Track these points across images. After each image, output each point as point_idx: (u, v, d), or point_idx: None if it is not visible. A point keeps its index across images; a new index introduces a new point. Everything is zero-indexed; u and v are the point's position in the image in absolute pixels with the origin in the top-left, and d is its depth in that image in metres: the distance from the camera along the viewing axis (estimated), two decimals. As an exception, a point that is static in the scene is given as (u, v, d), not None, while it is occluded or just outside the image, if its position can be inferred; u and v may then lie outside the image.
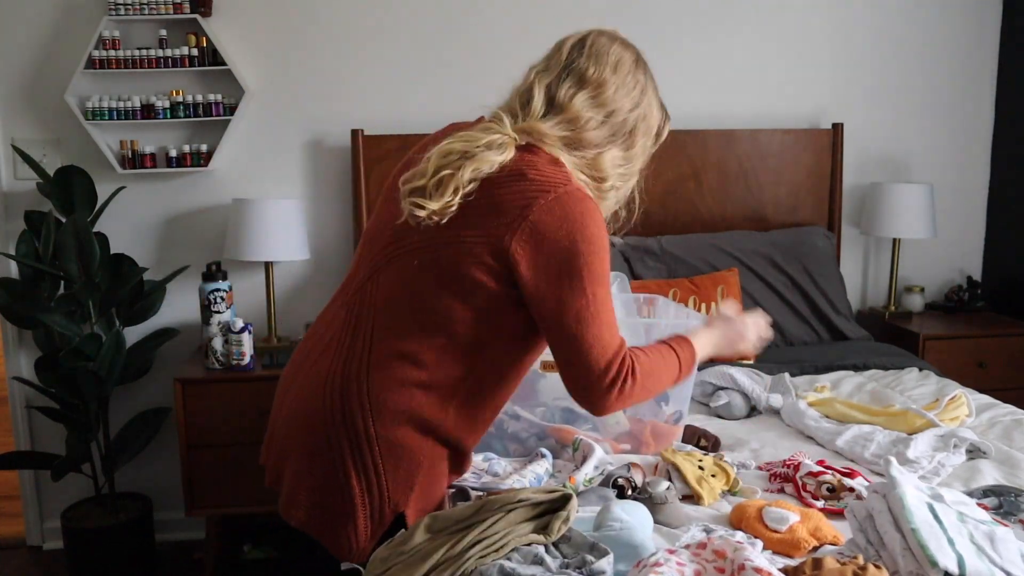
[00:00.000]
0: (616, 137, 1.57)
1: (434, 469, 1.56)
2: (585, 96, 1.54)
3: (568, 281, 1.44)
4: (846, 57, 3.49)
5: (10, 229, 3.15)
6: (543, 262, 1.45)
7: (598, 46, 1.60)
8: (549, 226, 1.44)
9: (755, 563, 1.27)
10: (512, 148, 1.50)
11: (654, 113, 1.62)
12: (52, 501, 3.30)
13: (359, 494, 1.51)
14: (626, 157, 1.59)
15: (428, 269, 1.50)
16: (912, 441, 2.01)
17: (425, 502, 1.56)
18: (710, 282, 3.00)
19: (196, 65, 3.06)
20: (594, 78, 1.55)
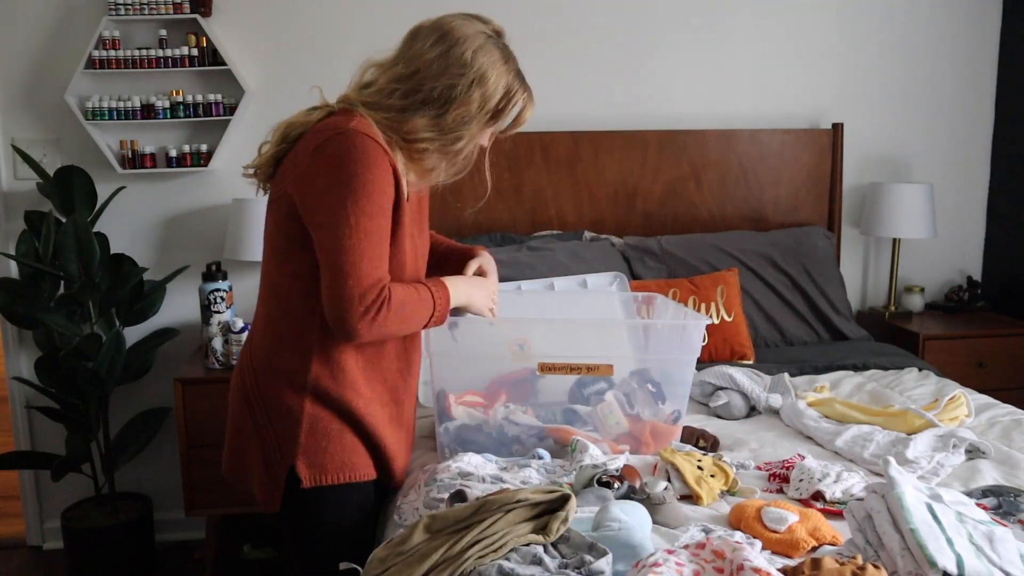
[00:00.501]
0: (424, 106, 1.64)
1: (319, 427, 1.66)
2: (396, 71, 1.66)
3: (333, 211, 1.55)
4: (846, 57, 3.49)
5: (10, 229, 3.15)
6: (311, 192, 1.58)
7: (432, 26, 1.69)
8: (322, 163, 1.57)
9: (754, 563, 1.27)
10: (324, 112, 1.67)
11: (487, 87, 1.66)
12: (52, 501, 3.31)
13: (258, 449, 1.69)
14: (438, 124, 1.65)
15: (268, 226, 1.71)
16: (911, 441, 2.01)
17: (317, 459, 1.66)
18: (710, 282, 3.00)
19: (196, 65, 3.06)
20: (411, 53, 1.66)
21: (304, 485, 1.66)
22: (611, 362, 2.01)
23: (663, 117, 3.41)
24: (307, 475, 1.66)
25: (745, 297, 3.09)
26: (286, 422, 1.66)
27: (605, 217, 3.34)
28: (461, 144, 1.69)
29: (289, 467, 1.66)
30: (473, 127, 1.68)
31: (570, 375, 2.04)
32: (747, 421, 2.36)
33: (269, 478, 1.68)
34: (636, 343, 2.20)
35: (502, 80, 1.68)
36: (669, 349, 2.12)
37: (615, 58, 3.37)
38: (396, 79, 1.66)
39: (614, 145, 3.31)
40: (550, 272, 2.86)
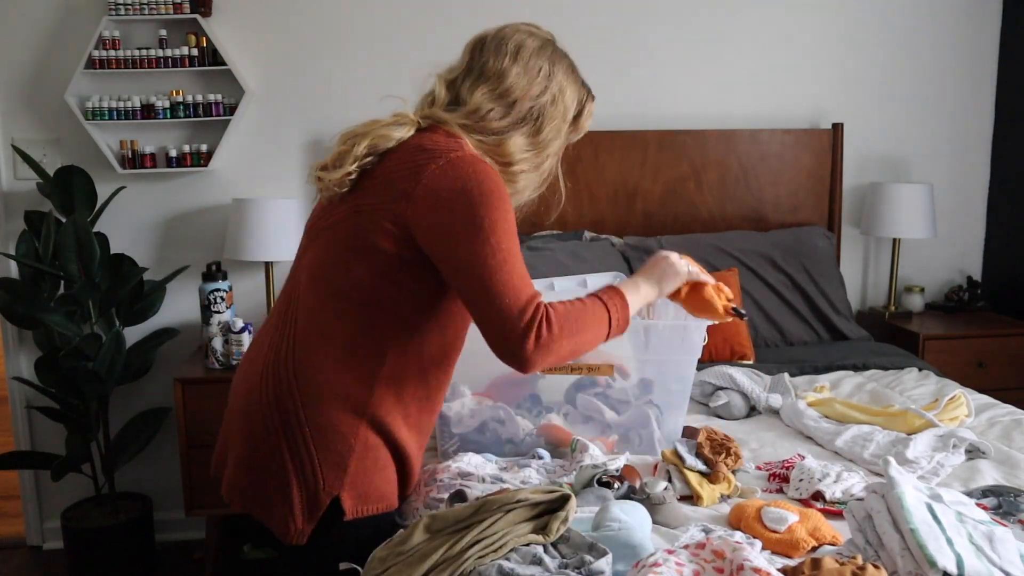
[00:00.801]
0: (522, 124, 1.60)
1: (368, 455, 1.54)
2: (485, 89, 1.59)
3: (468, 234, 1.46)
4: (846, 57, 3.49)
5: (10, 229, 3.15)
6: (441, 220, 1.47)
7: (498, 39, 1.63)
8: (443, 186, 1.47)
9: (754, 563, 1.27)
10: (412, 127, 1.58)
11: (566, 98, 1.65)
12: (52, 501, 3.30)
13: (293, 476, 1.52)
14: (533, 143, 1.62)
15: (336, 242, 1.55)
16: (911, 441, 2.01)
17: (363, 489, 1.54)
18: (710, 282, 2.99)
19: (196, 65, 3.06)
20: (494, 69, 1.60)
21: (347, 517, 1.53)
22: (611, 362, 2.01)
23: (663, 117, 3.41)
24: (351, 506, 1.53)
25: (745, 297, 3.09)
26: (336, 449, 1.52)
27: (605, 217, 3.34)
28: (550, 160, 1.68)
29: (333, 496, 1.52)
30: (560, 139, 1.67)
31: (570, 375, 2.04)
32: (747, 421, 2.36)
33: (305, 509, 1.53)
34: (636, 343, 2.20)
35: (575, 87, 1.68)
36: (669, 349, 2.11)
37: (615, 58, 3.36)
38: (489, 98, 1.59)
39: (614, 145, 3.31)
40: (550, 272, 2.86)
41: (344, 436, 1.52)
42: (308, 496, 1.53)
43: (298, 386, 1.53)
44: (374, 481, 1.56)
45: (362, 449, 1.53)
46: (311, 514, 1.53)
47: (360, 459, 1.53)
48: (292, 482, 1.53)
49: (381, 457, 1.57)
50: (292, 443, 1.53)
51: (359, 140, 1.56)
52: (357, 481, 1.54)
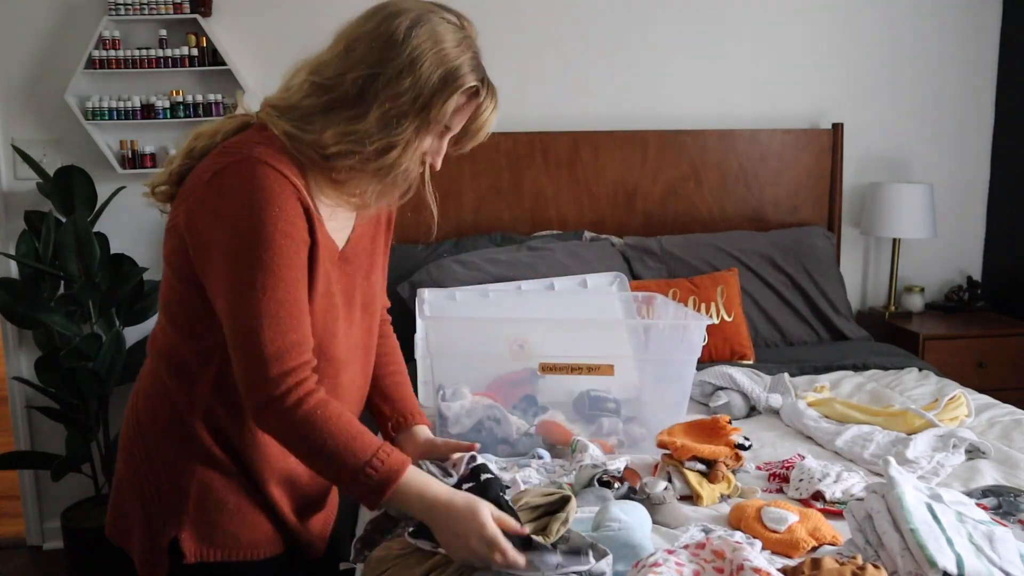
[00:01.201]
0: (340, 107, 1.28)
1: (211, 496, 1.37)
2: (318, 60, 1.33)
3: (227, 261, 1.24)
4: (846, 57, 3.49)
5: (10, 229, 3.15)
6: (203, 236, 1.27)
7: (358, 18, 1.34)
8: (213, 199, 1.26)
9: (754, 563, 1.27)
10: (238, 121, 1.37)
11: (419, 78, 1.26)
12: (52, 501, 3.30)
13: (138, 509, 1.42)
14: (353, 131, 1.27)
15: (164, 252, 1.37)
16: (911, 441, 2.01)
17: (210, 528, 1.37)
18: (710, 282, 3.00)
19: (196, 65, 3.06)
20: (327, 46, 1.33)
21: (187, 561, 1.37)
22: (611, 362, 2.01)
23: (663, 117, 3.41)
24: (192, 549, 1.37)
25: (745, 297, 3.09)
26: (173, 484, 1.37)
27: (605, 217, 3.34)
28: (393, 156, 1.28)
29: (172, 538, 1.37)
30: (406, 131, 1.27)
31: (570, 375, 2.04)
32: (747, 421, 2.36)
33: (151, 547, 1.41)
34: (636, 343, 2.20)
35: (443, 64, 1.27)
36: (669, 349, 2.12)
37: (615, 58, 3.36)
38: (313, 70, 1.31)
39: (614, 145, 3.31)
40: (550, 272, 2.86)
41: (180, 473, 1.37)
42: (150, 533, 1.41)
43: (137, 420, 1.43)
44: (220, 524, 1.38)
45: (201, 488, 1.37)
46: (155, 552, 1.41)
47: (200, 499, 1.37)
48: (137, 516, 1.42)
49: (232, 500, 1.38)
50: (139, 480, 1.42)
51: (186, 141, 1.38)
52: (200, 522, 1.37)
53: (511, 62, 3.28)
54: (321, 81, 1.30)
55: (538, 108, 3.34)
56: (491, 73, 1.35)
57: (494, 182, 3.27)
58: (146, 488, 1.40)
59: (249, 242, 1.23)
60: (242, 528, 1.39)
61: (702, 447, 1.81)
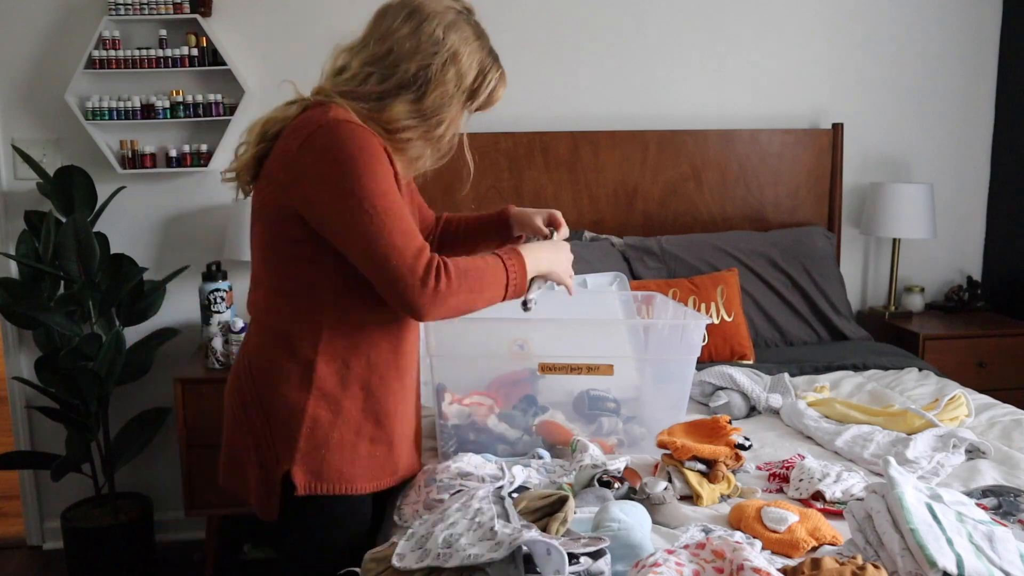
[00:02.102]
0: (404, 89, 1.58)
1: (319, 431, 1.59)
2: (367, 53, 1.59)
3: (340, 204, 1.48)
4: (846, 57, 3.49)
5: (10, 229, 3.15)
6: (315, 194, 1.50)
7: (399, 4, 1.62)
8: (311, 160, 1.50)
9: (754, 563, 1.27)
10: (300, 106, 1.59)
11: (461, 64, 1.60)
12: (52, 501, 3.30)
13: (252, 452, 1.62)
14: (418, 109, 1.59)
15: (256, 232, 1.63)
16: (911, 441, 2.01)
17: (315, 466, 1.59)
18: (710, 282, 3.00)
19: (196, 65, 3.06)
20: (382, 34, 1.60)
21: (298, 492, 1.58)
22: (611, 362, 2.01)
23: (663, 117, 3.41)
24: (303, 482, 1.58)
25: (745, 297, 3.09)
26: (285, 425, 1.59)
27: (605, 217, 3.34)
28: (443, 128, 1.63)
29: (284, 472, 1.58)
30: (453, 108, 1.62)
31: (570, 375, 2.04)
32: (747, 421, 2.36)
33: (265, 484, 1.61)
34: (636, 343, 2.20)
35: (475, 57, 1.63)
36: (669, 349, 2.12)
37: (615, 58, 3.37)
38: (369, 62, 1.59)
39: (614, 145, 3.31)
40: (550, 272, 2.85)
41: (291, 411, 1.58)
42: (264, 472, 1.60)
43: (250, 371, 1.63)
44: (330, 460, 1.59)
45: (311, 425, 1.58)
46: (268, 489, 1.60)
47: (310, 435, 1.58)
48: (253, 462, 1.62)
49: (336, 435, 1.60)
50: (251, 424, 1.61)
51: (253, 128, 1.61)
52: (307, 457, 1.58)
53: (511, 62, 3.25)
54: (381, 71, 1.58)
55: (538, 108, 3.34)
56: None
57: (494, 182, 3.27)
58: (258, 429, 1.61)
59: (356, 178, 1.47)
60: (344, 464, 1.61)
61: (702, 447, 1.81)
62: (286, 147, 1.54)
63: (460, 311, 1.58)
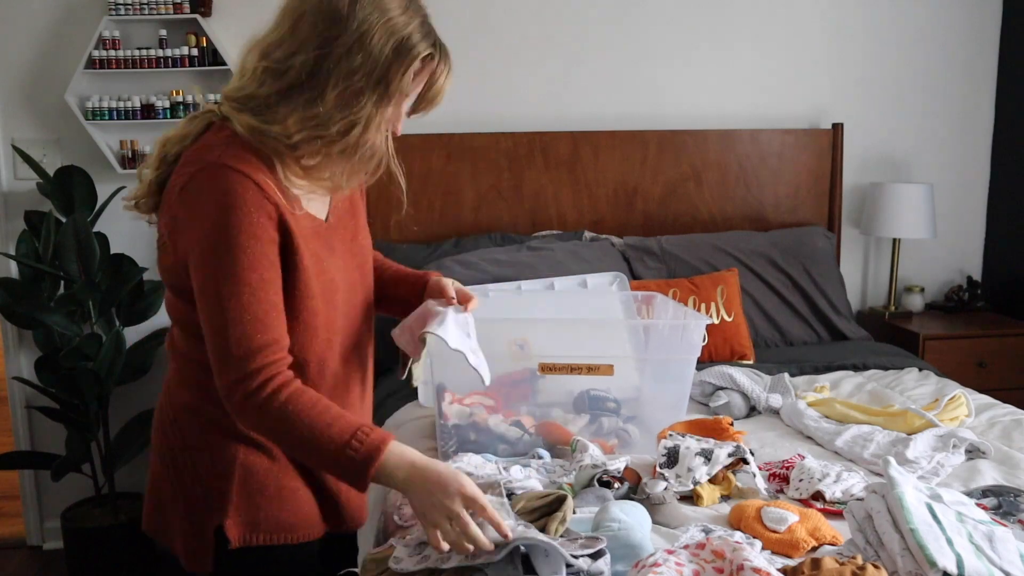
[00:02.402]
0: (295, 91, 1.27)
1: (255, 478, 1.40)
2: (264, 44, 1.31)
3: (203, 265, 1.27)
4: (846, 57, 3.49)
5: (10, 229, 3.15)
6: (184, 246, 1.30)
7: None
8: (186, 211, 1.29)
9: (754, 563, 1.27)
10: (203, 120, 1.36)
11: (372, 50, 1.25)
12: (52, 501, 3.30)
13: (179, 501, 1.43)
14: (314, 115, 1.26)
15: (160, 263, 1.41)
16: (911, 441, 2.01)
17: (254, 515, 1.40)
18: (710, 282, 3.00)
19: (196, 65, 3.06)
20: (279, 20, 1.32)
21: (232, 546, 1.39)
22: (611, 362, 2.01)
23: (663, 117, 3.41)
24: (237, 535, 1.39)
25: (745, 297, 3.09)
26: (215, 474, 1.39)
27: (605, 217, 3.34)
28: (356, 134, 1.28)
29: (216, 526, 1.39)
30: (364, 110, 1.27)
31: (570, 375, 2.04)
32: (747, 421, 2.36)
33: (195, 537, 1.42)
34: (636, 343, 2.20)
35: (395, 36, 1.26)
36: (669, 349, 2.12)
37: (615, 58, 3.37)
38: (264, 53, 1.29)
39: (614, 145, 3.31)
40: (550, 272, 2.86)
41: (221, 460, 1.39)
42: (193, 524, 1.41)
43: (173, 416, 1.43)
44: (267, 508, 1.41)
45: (244, 474, 1.39)
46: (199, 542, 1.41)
47: (243, 484, 1.39)
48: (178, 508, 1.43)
49: (272, 482, 1.41)
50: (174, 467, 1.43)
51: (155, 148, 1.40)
52: (243, 509, 1.39)
53: (511, 62, 3.28)
54: (273, 66, 1.28)
55: (538, 108, 3.34)
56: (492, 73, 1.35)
57: (494, 182, 3.27)
58: (186, 479, 1.41)
59: (216, 250, 1.26)
60: (282, 511, 1.42)
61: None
62: (173, 183, 1.32)
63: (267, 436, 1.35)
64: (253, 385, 1.28)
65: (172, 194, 1.32)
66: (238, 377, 1.27)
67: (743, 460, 1.84)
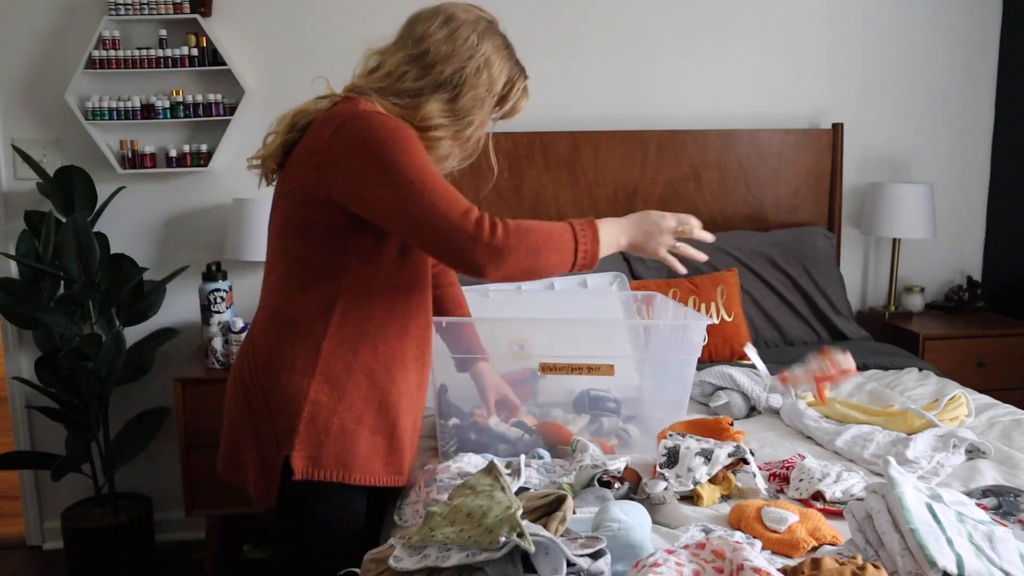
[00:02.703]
0: (439, 89, 1.63)
1: (320, 417, 1.60)
2: (404, 54, 1.65)
3: (381, 180, 1.51)
4: (846, 57, 3.49)
5: (10, 229, 3.15)
6: (352, 180, 1.54)
7: (432, 11, 1.68)
8: (344, 147, 1.54)
9: (754, 563, 1.27)
10: (331, 100, 1.64)
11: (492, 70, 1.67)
12: (52, 501, 3.31)
13: (252, 439, 1.64)
14: (451, 109, 1.65)
15: (276, 219, 1.67)
16: (911, 441, 2.01)
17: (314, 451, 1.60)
18: (710, 282, 3.00)
19: (196, 65, 3.06)
20: (417, 36, 1.65)
21: (296, 477, 1.59)
22: (611, 362, 2.01)
23: (663, 117, 3.41)
24: (300, 467, 1.59)
25: (745, 297, 3.09)
26: (286, 410, 1.60)
27: (605, 217, 3.33)
28: (472, 129, 1.69)
29: (284, 457, 1.60)
30: (483, 112, 1.69)
31: (571, 375, 2.04)
32: (747, 421, 2.36)
33: (263, 471, 1.63)
34: (636, 343, 2.20)
35: (506, 65, 1.70)
36: (669, 349, 2.12)
37: (615, 58, 3.37)
38: (406, 61, 1.64)
39: (614, 145, 3.31)
40: (550, 272, 2.85)
41: (294, 396, 1.60)
42: (263, 458, 1.63)
43: (254, 359, 1.65)
44: (329, 446, 1.61)
45: (313, 409, 1.60)
46: (267, 475, 1.62)
47: (311, 420, 1.60)
48: (251, 445, 1.64)
49: (336, 422, 1.61)
50: (252, 410, 1.63)
51: (283, 119, 1.65)
52: (308, 443, 1.60)
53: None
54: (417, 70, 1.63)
55: (538, 108, 3.30)
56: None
57: (494, 182, 3.26)
58: (259, 414, 1.63)
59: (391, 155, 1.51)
60: (343, 451, 1.62)
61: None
62: (317, 136, 1.58)
63: (524, 271, 1.58)
64: (486, 228, 1.52)
65: (318, 141, 1.56)
66: (472, 232, 1.51)
67: (743, 460, 1.84)
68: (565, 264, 1.62)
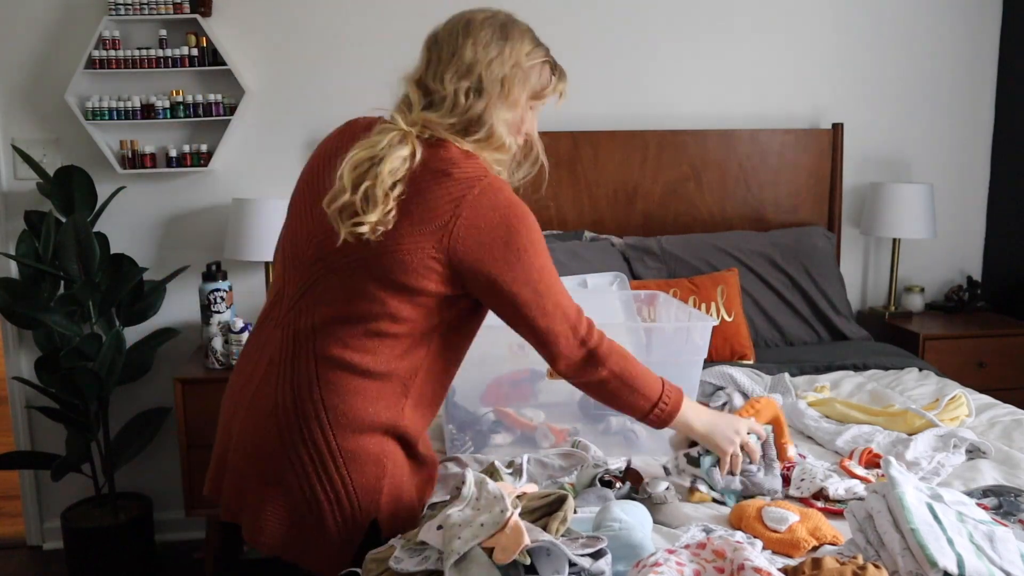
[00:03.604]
0: (496, 97, 1.57)
1: (398, 470, 1.59)
2: (449, 73, 1.56)
3: (515, 261, 1.52)
4: (846, 57, 3.49)
5: (10, 229, 3.15)
6: (486, 253, 1.51)
7: (448, 26, 1.63)
8: (482, 218, 1.51)
9: (754, 563, 1.27)
10: (412, 140, 1.53)
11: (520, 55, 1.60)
12: (52, 501, 3.30)
13: (328, 508, 1.53)
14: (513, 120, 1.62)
15: (369, 279, 1.51)
16: (912, 441, 2.01)
17: (396, 506, 1.58)
18: (710, 282, 3.00)
19: (196, 65, 3.06)
20: (450, 51, 1.57)
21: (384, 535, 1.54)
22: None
23: (663, 117, 3.41)
24: (388, 526, 1.56)
25: (745, 297, 3.09)
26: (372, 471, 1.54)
27: (605, 217, 3.34)
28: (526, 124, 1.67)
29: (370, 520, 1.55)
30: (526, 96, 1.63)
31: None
32: (747, 421, 2.35)
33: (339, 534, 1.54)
34: (637, 343, 2.20)
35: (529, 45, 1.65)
36: (673, 351, 2.11)
37: (615, 58, 3.37)
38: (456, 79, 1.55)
39: (614, 145, 3.31)
40: (550, 272, 2.86)
41: (377, 457, 1.55)
42: (346, 526, 1.54)
43: (328, 418, 1.52)
44: (405, 493, 1.60)
45: (393, 465, 1.57)
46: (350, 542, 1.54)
47: (392, 476, 1.57)
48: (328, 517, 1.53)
49: (406, 469, 1.61)
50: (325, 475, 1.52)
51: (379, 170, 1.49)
52: (392, 499, 1.57)
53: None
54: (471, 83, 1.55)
55: (538, 108, 3.33)
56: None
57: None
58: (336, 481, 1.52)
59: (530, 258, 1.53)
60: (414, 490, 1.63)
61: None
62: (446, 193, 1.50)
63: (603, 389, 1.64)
64: (594, 338, 1.61)
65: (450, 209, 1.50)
66: (582, 337, 1.59)
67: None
68: (639, 408, 1.67)
